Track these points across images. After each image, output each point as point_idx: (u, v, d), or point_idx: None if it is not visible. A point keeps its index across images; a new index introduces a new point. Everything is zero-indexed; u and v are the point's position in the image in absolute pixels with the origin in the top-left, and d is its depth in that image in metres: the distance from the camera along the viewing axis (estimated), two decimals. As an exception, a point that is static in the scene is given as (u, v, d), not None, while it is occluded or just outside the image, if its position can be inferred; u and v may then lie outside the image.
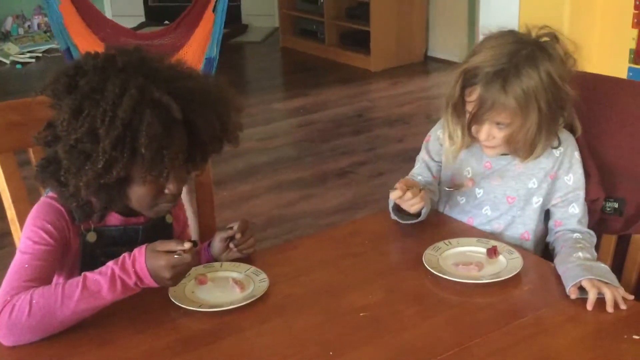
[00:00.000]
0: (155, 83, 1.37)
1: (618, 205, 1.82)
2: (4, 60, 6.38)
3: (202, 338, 1.36)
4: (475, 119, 1.67)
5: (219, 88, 1.50)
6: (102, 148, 1.32)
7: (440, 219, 1.84)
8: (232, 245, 1.60)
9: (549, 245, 1.78)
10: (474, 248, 1.64)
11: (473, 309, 1.45)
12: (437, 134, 1.87)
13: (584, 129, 1.78)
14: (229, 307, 1.43)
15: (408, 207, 1.69)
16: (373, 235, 1.77)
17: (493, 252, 1.60)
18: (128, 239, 1.51)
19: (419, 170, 1.89)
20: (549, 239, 1.79)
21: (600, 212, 1.82)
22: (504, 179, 1.78)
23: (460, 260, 1.59)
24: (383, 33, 5.98)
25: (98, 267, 1.38)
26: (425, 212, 1.74)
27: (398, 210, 1.74)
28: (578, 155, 1.77)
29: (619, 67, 3.12)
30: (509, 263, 1.57)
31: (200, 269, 1.55)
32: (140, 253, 1.36)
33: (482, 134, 1.69)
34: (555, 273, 1.54)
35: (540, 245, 1.82)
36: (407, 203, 1.69)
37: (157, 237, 1.43)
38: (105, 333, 1.36)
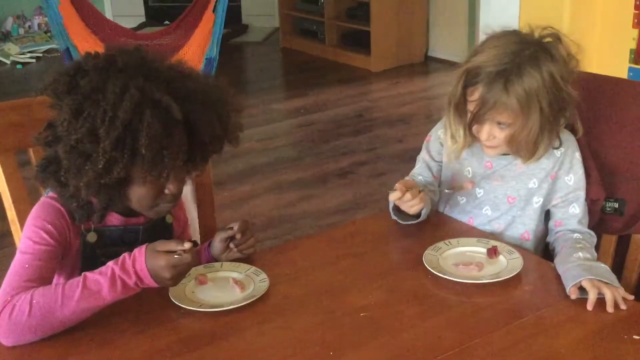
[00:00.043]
0: (156, 83, 1.37)
1: (618, 206, 1.82)
2: (5, 61, 6.38)
3: (202, 338, 1.36)
4: (477, 119, 1.67)
5: (219, 88, 1.50)
6: (102, 148, 1.32)
7: (441, 219, 1.84)
8: (232, 246, 1.60)
9: (549, 246, 1.78)
10: (474, 248, 1.64)
11: (473, 309, 1.45)
12: (437, 134, 1.87)
13: (585, 129, 1.78)
14: (229, 307, 1.43)
15: (407, 208, 1.69)
16: (373, 236, 1.77)
17: (493, 252, 1.60)
18: (128, 239, 1.51)
19: (420, 170, 1.89)
20: (549, 239, 1.79)
21: (601, 212, 1.82)
22: (505, 179, 1.78)
23: (461, 261, 1.59)
24: (383, 33, 5.98)
25: (98, 267, 1.38)
26: (426, 212, 1.74)
27: (398, 211, 1.74)
28: (579, 156, 1.77)
29: (619, 67, 3.12)
30: (509, 263, 1.57)
31: (201, 269, 1.55)
32: (141, 253, 1.37)
33: (483, 134, 1.69)
34: (556, 273, 1.54)
35: (541, 246, 1.82)
36: (406, 204, 1.69)
37: (157, 237, 1.43)
38: (105, 333, 1.36)
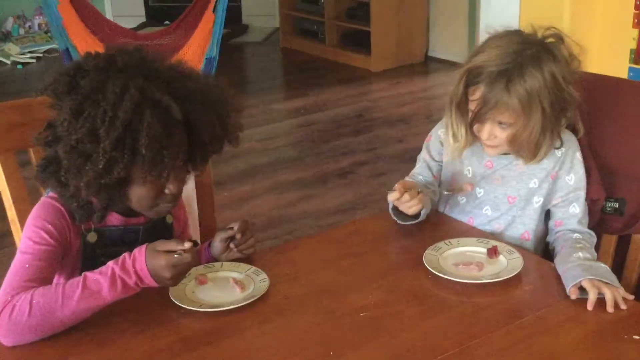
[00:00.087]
0: (156, 83, 1.37)
1: (618, 205, 1.82)
2: (5, 61, 6.38)
3: (202, 338, 1.36)
4: (478, 118, 1.67)
5: (219, 88, 1.50)
6: (102, 148, 1.32)
7: (441, 219, 1.84)
8: (232, 246, 1.60)
9: (549, 245, 1.78)
10: (474, 248, 1.64)
11: (473, 309, 1.45)
12: (438, 134, 1.87)
13: (585, 129, 1.78)
14: (229, 307, 1.43)
15: (406, 209, 1.70)
16: (373, 236, 1.77)
17: (493, 252, 1.60)
18: (128, 239, 1.51)
19: (420, 170, 1.89)
20: (549, 239, 1.79)
21: (601, 212, 1.82)
22: (505, 179, 1.78)
23: (461, 260, 1.59)
24: (383, 33, 5.98)
25: (98, 267, 1.38)
26: (425, 213, 1.74)
27: (397, 212, 1.74)
28: (580, 156, 1.77)
29: (620, 67, 3.13)
30: (510, 263, 1.57)
31: (201, 269, 1.55)
32: (141, 253, 1.37)
33: (483, 133, 1.69)
34: (556, 273, 1.54)
35: (541, 245, 1.82)
36: (404, 205, 1.69)
37: (157, 237, 1.43)
38: (105, 333, 1.36)
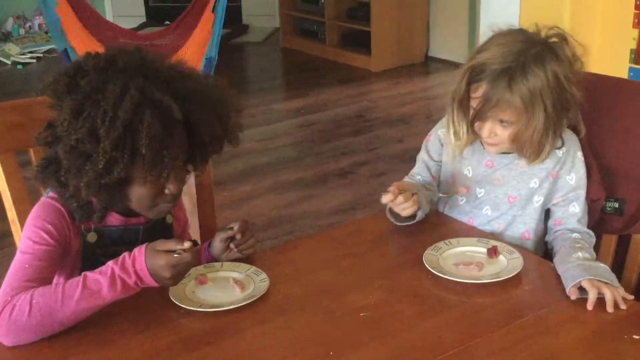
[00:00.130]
0: (156, 84, 1.37)
1: (618, 205, 1.82)
2: (5, 61, 6.38)
3: (202, 338, 1.36)
4: (479, 116, 1.67)
5: (219, 88, 1.50)
6: (102, 148, 1.32)
7: (440, 219, 1.84)
8: (232, 246, 1.60)
9: (548, 245, 1.78)
10: (474, 248, 1.64)
11: (473, 309, 1.45)
12: (437, 134, 1.87)
13: (585, 129, 1.78)
14: (229, 307, 1.43)
15: (400, 210, 1.70)
16: (373, 236, 1.77)
17: (493, 252, 1.60)
18: (128, 240, 1.51)
19: (419, 170, 1.89)
20: (548, 238, 1.78)
21: (601, 212, 1.82)
22: (506, 179, 1.78)
23: (461, 260, 1.59)
24: (384, 33, 5.98)
25: (98, 267, 1.38)
26: (421, 214, 1.74)
27: (392, 212, 1.74)
28: (581, 155, 1.76)
29: (620, 67, 3.13)
30: (510, 263, 1.57)
31: (201, 269, 1.55)
32: (140, 252, 1.37)
33: (484, 131, 1.69)
34: (556, 273, 1.54)
35: (541, 245, 1.82)
36: (399, 207, 1.69)
37: (157, 237, 1.43)
38: (105, 333, 1.36)
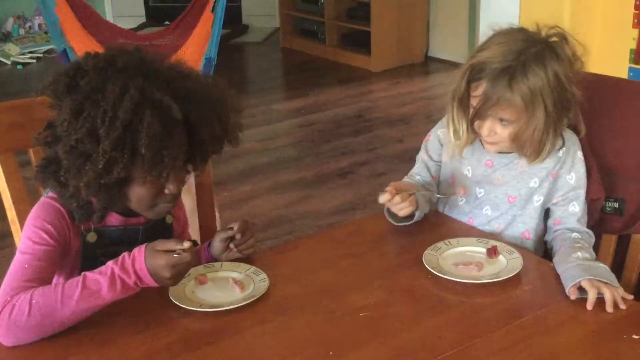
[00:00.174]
0: (156, 83, 1.37)
1: (618, 205, 1.82)
2: (5, 61, 6.38)
3: (202, 338, 1.36)
4: (479, 114, 1.67)
5: (219, 88, 1.50)
6: (102, 148, 1.32)
7: (440, 219, 1.84)
8: (232, 246, 1.60)
9: (547, 244, 1.78)
10: (474, 248, 1.64)
11: (473, 309, 1.45)
12: (437, 134, 1.87)
13: (585, 129, 1.78)
14: (229, 307, 1.43)
15: (397, 210, 1.70)
16: (373, 236, 1.77)
17: (493, 252, 1.60)
18: (128, 240, 1.51)
19: (418, 170, 1.89)
20: (547, 238, 1.78)
21: (601, 212, 1.82)
22: (505, 178, 1.78)
23: (460, 260, 1.59)
24: (383, 33, 5.98)
25: (98, 267, 1.38)
26: (419, 215, 1.74)
27: (390, 212, 1.74)
28: (581, 155, 1.76)
29: (620, 67, 3.12)
30: (509, 263, 1.57)
31: (200, 269, 1.55)
32: (140, 252, 1.36)
33: (484, 130, 1.69)
34: (555, 273, 1.54)
35: (542, 244, 1.82)
36: (396, 207, 1.69)
37: (157, 237, 1.43)
38: (105, 333, 1.36)
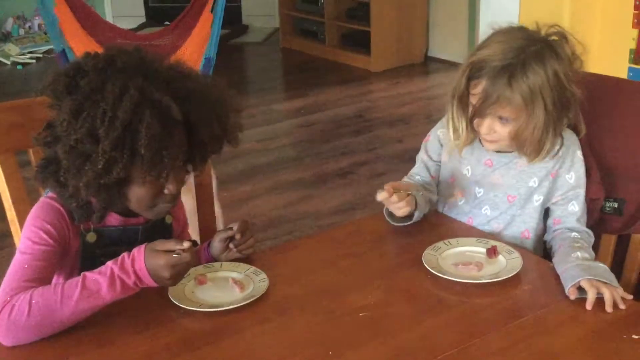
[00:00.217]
0: (155, 84, 1.37)
1: (618, 205, 1.82)
2: (5, 61, 6.38)
3: (202, 338, 1.36)
4: (479, 112, 1.66)
5: (219, 88, 1.50)
6: (101, 148, 1.32)
7: (440, 219, 1.84)
8: (231, 246, 1.60)
9: (547, 244, 1.78)
10: (474, 248, 1.64)
11: (473, 309, 1.45)
12: (437, 134, 1.87)
13: (585, 128, 1.78)
14: (229, 307, 1.43)
15: (395, 210, 1.70)
16: (372, 236, 1.77)
17: (493, 252, 1.60)
18: (128, 240, 1.51)
19: (418, 170, 1.89)
20: (547, 237, 1.78)
21: (600, 211, 1.82)
22: (505, 178, 1.78)
23: (460, 260, 1.59)
24: (383, 33, 5.98)
25: (98, 267, 1.38)
26: (418, 215, 1.74)
27: (390, 212, 1.74)
28: (580, 154, 1.76)
29: (619, 67, 3.12)
30: (509, 263, 1.57)
31: (200, 269, 1.55)
32: (140, 252, 1.36)
33: (483, 128, 1.69)
34: (555, 273, 1.54)
35: (541, 244, 1.82)
36: (393, 206, 1.69)
37: (156, 237, 1.43)
38: (105, 333, 1.36)
